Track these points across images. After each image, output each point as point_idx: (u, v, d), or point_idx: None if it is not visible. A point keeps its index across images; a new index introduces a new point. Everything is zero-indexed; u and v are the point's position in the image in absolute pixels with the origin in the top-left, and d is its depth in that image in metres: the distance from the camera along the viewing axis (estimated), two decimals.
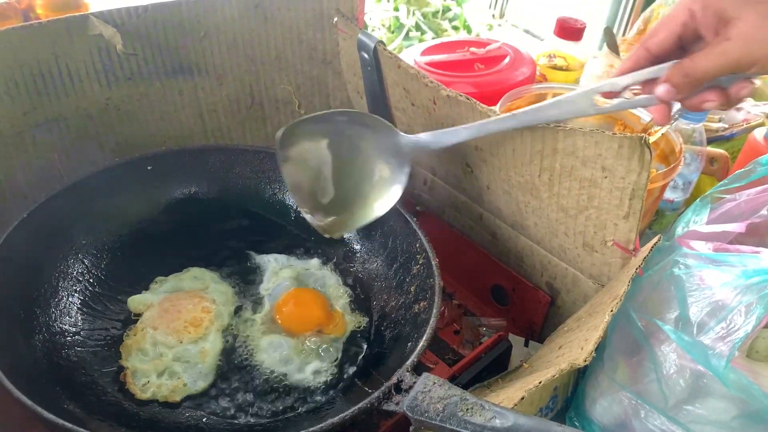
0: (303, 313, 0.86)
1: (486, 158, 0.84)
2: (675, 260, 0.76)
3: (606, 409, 0.78)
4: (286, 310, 0.86)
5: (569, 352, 0.69)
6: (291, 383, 0.79)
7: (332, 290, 0.91)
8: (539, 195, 0.81)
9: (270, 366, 0.80)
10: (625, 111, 1.02)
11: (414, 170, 1.05)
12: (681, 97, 0.66)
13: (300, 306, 0.87)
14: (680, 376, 0.71)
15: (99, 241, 0.89)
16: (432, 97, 0.84)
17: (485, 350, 0.83)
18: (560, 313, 0.93)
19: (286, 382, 0.79)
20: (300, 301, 0.88)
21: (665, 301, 0.74)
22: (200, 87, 0.99)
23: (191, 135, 1.01)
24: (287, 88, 1.05)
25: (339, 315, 0.87)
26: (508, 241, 0.94)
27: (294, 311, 0.86)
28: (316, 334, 0.84)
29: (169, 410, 0.75)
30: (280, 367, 0.80)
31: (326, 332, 0.84)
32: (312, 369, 0.80)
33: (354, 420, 0.62)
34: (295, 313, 0.86)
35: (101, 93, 0.91)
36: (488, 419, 0.56)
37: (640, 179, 0.71)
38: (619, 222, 0.76)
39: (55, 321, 0.79)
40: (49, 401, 0.63)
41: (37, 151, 0.89)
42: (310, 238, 0.97)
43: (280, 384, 0.79)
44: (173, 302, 0.83)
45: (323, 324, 0.85)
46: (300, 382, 0.79)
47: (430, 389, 0.60)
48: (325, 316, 0.86)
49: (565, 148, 0.74)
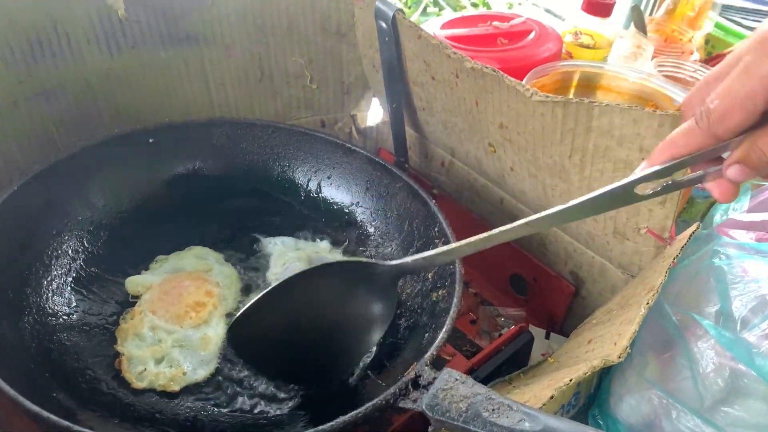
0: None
1: (511, 137, 0.78)
2: (714, 250, 0.72)
3: (633, 407, 0.74)
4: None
5: (600, 348, 0.64)
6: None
7: None
8: (568, 178, 0.76)
9: None
10: (657, 92, 0.96)
11: (431, 151, 1.00)
12: (757, 175, 0.53)
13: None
14: (718, 375, 0.67)
15: (96, 218, 0.84)
16: (455, 70, 0.79)
17: (505, 342, 0.78)
18: (585, 304, 0.88)
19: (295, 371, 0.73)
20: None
21: (703, 294, 0.70)
22: (207, 58, 0.94)
23: (197, 108, 0.96)
24: (298, 61, 0.99)
25: None
26: None
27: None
28: None
29: (167, 400, 0.69)
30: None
31: None
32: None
33: (366, 417, 0.57)
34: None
35: (102, 61, 0.86)
36: (516, 422, 0.51)
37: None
38: (654, 208, 0.71)
39: (46, 302, 0.74)
40: (36, 390, 0.59)
41: (33, 122, 0.85)
42: (321, 219, 0.92)
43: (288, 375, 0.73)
44: (174, 284, 0.78)
45: None
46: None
47: (452, 386, 0.55)
48: None
49: (600, 126, 0.68)
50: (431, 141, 0.99)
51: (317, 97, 1.04)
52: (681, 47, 1.27)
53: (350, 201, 0.92)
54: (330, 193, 0.93)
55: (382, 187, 0.89)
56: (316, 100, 1.04)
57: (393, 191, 0.87)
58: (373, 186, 0.90)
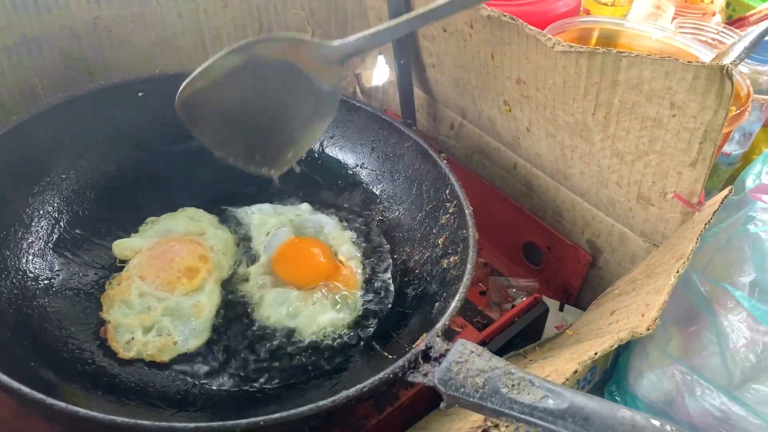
0: (304, 264, 0.77)
1: (530, 93, 0.73)
2: (749, 216, 0.67)
3: (654, 384, 0.70)
4: (284, 262, 0.77)
5: (626, 319, 0.60)
6: (298, 344, 0.69)
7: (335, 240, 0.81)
8: (590, 137, 0.70)
9: (275, 323, 0.70)
10: (681, 51, 0.91)
11: (441, 113, 0.95)
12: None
13: (300, 257, 0.78)
14: (750, 350, 0.64)
15: (81, 177, 0.78)
16: (469, 20, 0.73)
17: (519, 313, 0.74)
18: (602, 275, 0.83)
19: (293, 341, 0.69)
20: (299, 251, 0.79)
21: (736, 263, 0.66)
22: (202, 9, 0.89)
23: (191, 63, 0.89)
24: (300, 14, 0.94)
25: (348, 266, 0.77)
26: (546, 193, 0.84)
27: (294, 262, 0.77)
28: (325, 286, 0.73)
29: (156, 371, 0.65)
30: (286, 322, 0.70)
31: (337, 282, 0.74)
32: (322, 326, 0.70)
33: (372, 392, 0.52)
34: (295, 265, 0.77)
35: (89, 10, 0.81)
36: (539, 398, 0.46)
37: (716, 119, 0.61)
38: (684, 170, 0.66)
39: (26, 265, 0.69)
40: (11, 359, 0.54)
41: (15, 74, 0.80)
42: (320, 180, 0.87)
43: (286, 345, 0.69)
44: (165, 248, 0.73)
45: (329, 274, 0.75)
46: (308, 343, 0.69)
47: (467, 359, 0.50)
48: (330, 266, 0.76)
49: (627, 79, 0.63)
50: (440, 102, 0.94)
51: None
52: (703, 8, 1.21)
53: (354, 162, 0.86)
54: (333, 152, 0.88)
55: (388, 147, 0.84)
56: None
57: (401, 151, 0.82)
58: (379, 146, 0.85)
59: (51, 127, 0.74)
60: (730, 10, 1.33)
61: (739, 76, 0.85)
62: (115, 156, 0.81)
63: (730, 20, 1.28)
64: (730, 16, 1.32)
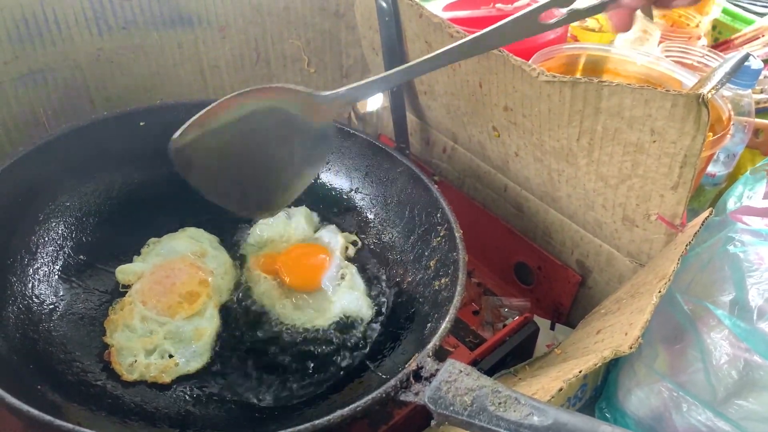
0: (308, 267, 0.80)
1: (516, 120, 0.75)
2: (728, 237, 0.69)
3: (642, 400, 0.72)
4: (288, 264, 0.79)
5: (611, 338, 0.62)
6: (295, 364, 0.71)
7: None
8: (576, 162, 0.73)
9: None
10: (665, 75, 0.93)
11: (433, 137, 0.97)
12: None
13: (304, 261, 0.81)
14: (732, 367, 0.65)
15: (85, 203, 0.80)
16: None
17: (510, 333, 0.76)
18: (591, 294, 0.85)
19: (290, 361, 0.71)
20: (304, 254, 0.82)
21: (717, 283, 0.68)
22: (201, 40, 0.91)
23: (191, 92, 0.93)
24: (296, 43, 0.96)
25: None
26: (536, 214, 0.86)
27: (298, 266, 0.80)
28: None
29: (158, 393, 0.67)
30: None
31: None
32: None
33: (366, 411, 0.54)
34: (299, 268, 0.80)
35: (92, 43, 0.84)
36: (525, 415, 0.48)
37: (695, 144, 0.63)
38: (665, 193, 0.68)
39: (32, 291, 0.71)
40: (18, 382, 0.56)
41: (20, 105, 0.82)
42: (319, 205, 0.89)
43: (284, 365, 0.71)
44: (166, 272, 0.75)
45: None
46: (305, 363, 0.71)
47: (455, 378, 0.52)
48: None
49: (609, 107, 0.66)
50: (433, 126, 0.96)
51: (315, 81, 1.01)
52: (688, 32, 1.24)
53: (349, 187, 0.89)
54: (328, 178, 0.90)
55: (382, 172, 0.86)
56: (314, 85, 1.01)
57: (393, 176, 0.84)
58: (372, 171, 0.87)
59: (56, 156, 0.76)
60: (716, 33, 1.36)
61: (721, 100, 0.88)
62: (116, 183, 0.83)
63: (716, 43, 1.31)
64: (716, 38, 1.35)
